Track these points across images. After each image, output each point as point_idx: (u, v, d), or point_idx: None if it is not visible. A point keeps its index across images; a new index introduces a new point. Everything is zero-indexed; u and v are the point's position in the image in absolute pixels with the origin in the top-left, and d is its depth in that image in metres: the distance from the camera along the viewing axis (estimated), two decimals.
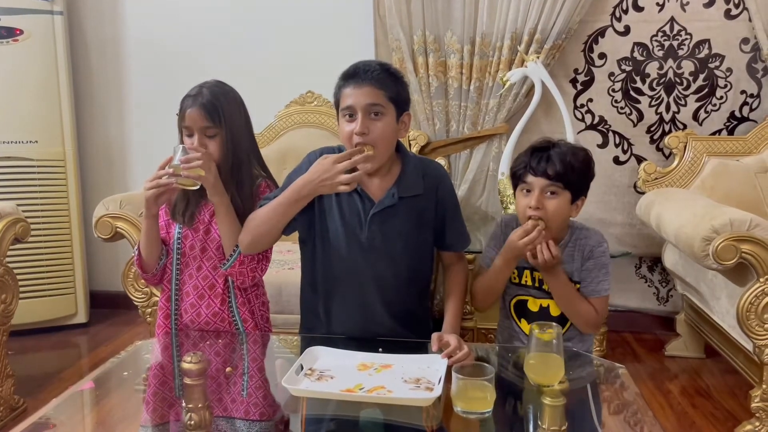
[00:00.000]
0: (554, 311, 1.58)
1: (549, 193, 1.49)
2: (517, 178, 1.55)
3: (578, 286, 1.56)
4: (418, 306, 1.65)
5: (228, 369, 1.42)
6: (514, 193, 1.59)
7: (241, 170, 1.62)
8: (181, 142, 1.59)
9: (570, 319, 1.56)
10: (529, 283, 1.60)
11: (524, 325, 1.61)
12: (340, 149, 1.58)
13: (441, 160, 2.78)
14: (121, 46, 3.13)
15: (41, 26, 2.85)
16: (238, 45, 3.04)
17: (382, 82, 1.47)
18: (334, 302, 1.60)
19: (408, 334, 1.60)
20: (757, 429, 1.97)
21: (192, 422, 1.12)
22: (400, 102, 1.51)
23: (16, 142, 2.85)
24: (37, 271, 2.93)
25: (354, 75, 1.48)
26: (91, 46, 3.15)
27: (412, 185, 1.55)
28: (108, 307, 3.21)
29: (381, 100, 1.46)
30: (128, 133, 3.21)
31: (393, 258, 1.54)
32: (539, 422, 1.04)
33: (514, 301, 1.63)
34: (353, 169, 1.42)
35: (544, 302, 1.59)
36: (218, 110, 1.56)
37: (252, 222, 1.53)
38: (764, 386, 1.93)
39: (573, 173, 1.49)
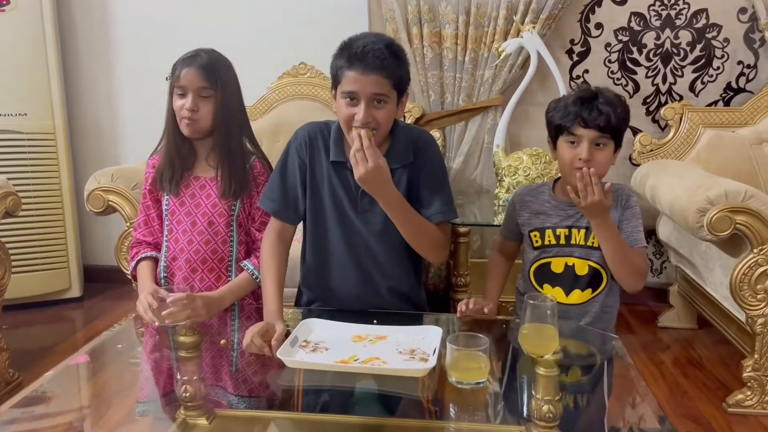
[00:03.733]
0: (580, 270, 1.55)
1: (597, 145, 1.46)
2: (559, 129, 1.49)
3: None
4: (413, 278, 1.65)
5: (222, 341, 1.42)
6: (554, 144, 1.53)
7: (232, 141, 1.60)
8: (170, 107, 1.57)
9: (621, 275, 1.49)
10: (553, 242, 1.56)
11: (548, 290, 1.58)
12: (327, 125, 1.57)
13: (436, 133, 2.76)
14: (109, 16, 3.07)
15: None
16: (229, 16, 2.98)
17: (389, 70, 1.40)
18: (330, 275, 1.60)
19: (403, 306, 1.60)
20: (748, 398, 1.99)
21: (187, 394, 1.12)
22: (403, 85, 1.46)
23: (4, 115, 2.80)
24: (30, 245, 2.91)
25: (361, 59, 1.38)
26: (78, 16, 3.08)
27: (402, 155, 1.53)
28: (102, 281, 3.20)
29: (386, 89, 1.41)
30: (118, 105, 3.16)
31: (387, 230, 1.53)
32: (533, 392, 1.04)
33: (534, 266, 1.59)
34: None
35: (570, 260, 1.55)
36: (215, 72, 1.56)
37: None
38: (756, 356, 1.95)
39: (621, 123, 1.46)
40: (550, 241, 1.56)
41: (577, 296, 1.55)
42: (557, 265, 1.57)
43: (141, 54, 3.06)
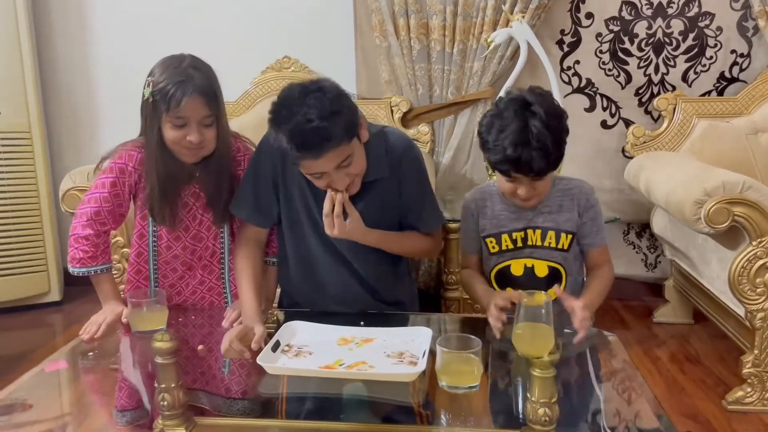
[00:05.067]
0: (540, 271, 1.52)
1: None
2: (498, 168, 1.44)
3: (570, 237, 1.51)
4: (398, 281, 1.61)
5: (200, 347, 1.35)
6: (492, 171, 1.52)
7: (225, 153, 1.52)
8: (154, 135, 1.43)
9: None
10: (510, 246, 1.54)
11: None
12: None
13: (424, 127, 2.70)
14: (87, 10, 2.98)
15: None
16: (211, 8, 2.90)
17: (339, 136, 1.29)
18: (311, 279, 1.56)
19: (390, 308, 1.56)
20: (748, 395, 1.95)
21: (165, 403, 1.06)
22: (355, 127, 1.35)
23: None
24: (7, 248, 2.82)
25: (307, 145, 1.28)
26: (54, 10, 2.99)
27: (376, 169, 1.45)
28: (82, 284, 3.05)
29: (347, 150, 1.32)
30: (96, 102, 3.06)
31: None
32: (529, 395, 0.98)
33: (494, 271, 1.56)
34: None
35: (528, 262, 1.53)
36: (215, 93, 1.42)
37: None
38: (756, 351, 1.90)
39: (558, 160, 1.41)
40: (507, 246, 1.54)
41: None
42: (517, 268, 1.54)
43: (120, 49, 2.97)
